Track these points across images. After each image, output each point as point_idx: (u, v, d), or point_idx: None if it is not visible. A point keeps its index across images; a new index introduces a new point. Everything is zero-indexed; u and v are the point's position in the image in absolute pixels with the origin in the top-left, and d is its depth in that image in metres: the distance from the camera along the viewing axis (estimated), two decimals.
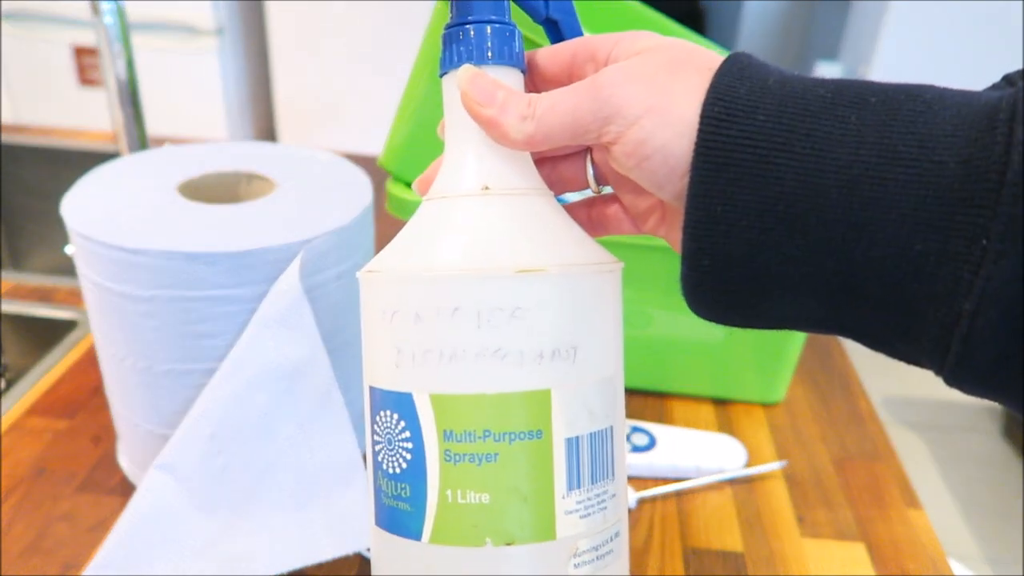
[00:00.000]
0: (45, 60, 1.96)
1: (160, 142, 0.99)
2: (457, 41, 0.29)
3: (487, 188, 0.29)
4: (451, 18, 0.30)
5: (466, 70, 0.29)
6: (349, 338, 0.52)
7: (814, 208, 0.23)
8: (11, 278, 0.79)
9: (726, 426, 0.64)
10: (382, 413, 0.29)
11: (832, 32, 2.28)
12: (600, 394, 0.29)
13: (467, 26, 0.29)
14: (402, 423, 0.28)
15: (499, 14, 0.29)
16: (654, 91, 0.25)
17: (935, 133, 0.22)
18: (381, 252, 0.31)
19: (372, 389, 0.29)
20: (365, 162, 0.76)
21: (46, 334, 0.74)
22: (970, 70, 1.84)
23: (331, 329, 0.48)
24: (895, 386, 1.97)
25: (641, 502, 0.55)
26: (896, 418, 1.88)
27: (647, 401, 0.66)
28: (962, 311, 0.21)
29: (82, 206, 0.47)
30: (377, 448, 0.29)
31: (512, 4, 0.31)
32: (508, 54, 0.29)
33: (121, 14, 0.69)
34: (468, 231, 0.28)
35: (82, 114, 1.98)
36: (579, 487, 0.28)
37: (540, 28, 0.33)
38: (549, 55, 0.30)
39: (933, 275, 0.22)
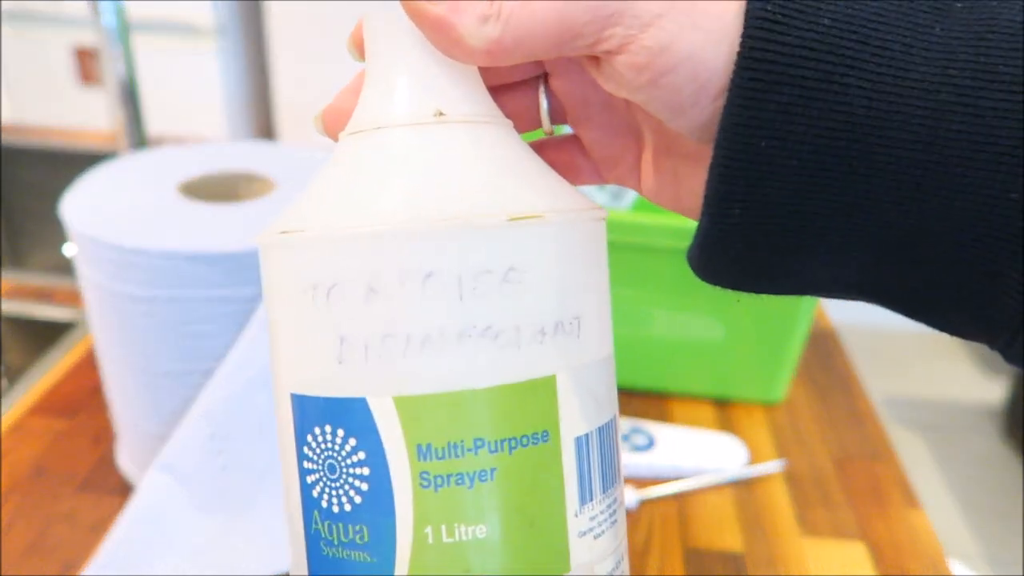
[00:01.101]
0: (45, 60, 1.96)
1: (160, 142, 0.99)
2: None
3: (442, 114, 0.22)
4: None
5: None
6: None
7: (886, 143, 0.18)
8: (11, 278, 0.79)
9: (726, 426, 0.64)
10: (318, 431, 0.21)
11: None
12: (604, 377, 0.23)
13: None
14: (352, 442, 0.21)
15: None
16: None
17: None
18: (295, 205, 0.23)
19: (298, 398, 0.22)
20: None
21: (46, 334, 0.74)
22: None
23: None
24: (895, 386, 1.97)
25: (641, 502, 0.55)
26: (896, 418, 1.88)
27: (647, 401, 0.66)
28: None
29: (82, 206, 0.47)
30: (311, 480, 0.22)
31: None
32: None
33: (121, 14, 0.69)
34: (432, 169, 0.21)
35: (82, 114, 1.98)
36: (591, 499, 0.22)
37: None
38: None
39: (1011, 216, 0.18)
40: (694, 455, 0.58)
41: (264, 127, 2.22)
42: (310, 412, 0.21)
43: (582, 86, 0.25)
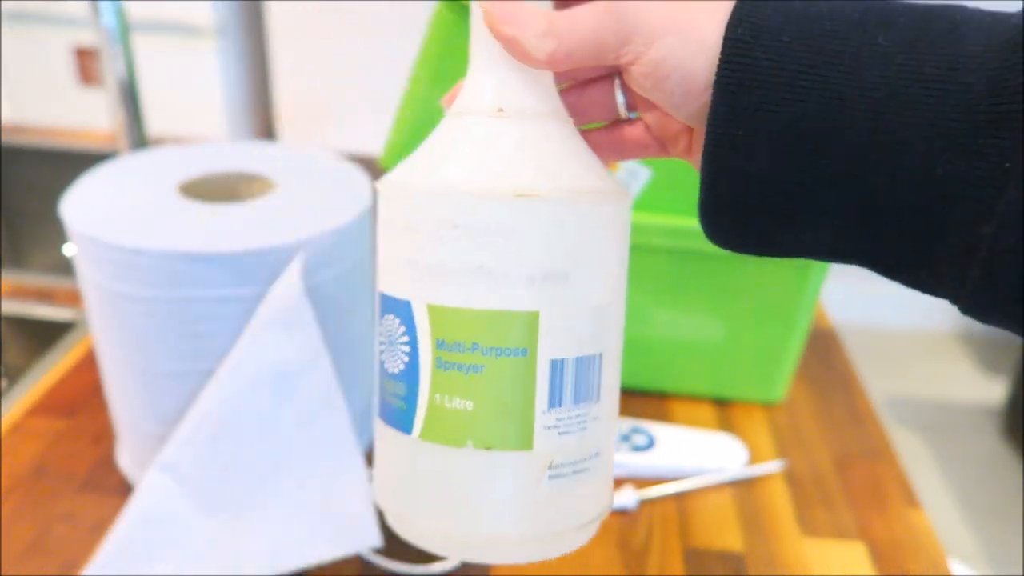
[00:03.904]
0: (45, 60, 1.96)
1: (160, 142, 0.99)
2: None
3: (501, 110, 0.29)
4: None
5: None
6: (350, 338, 0.52)
7: (837, 130, 0.23)
8: (11, 278, 0.79)
9: (726, 426, 0.64)
10: (386, 317, 0.30)
11: None
12: (591, 321, 0.29)
13: None
14: (402, 328, 0.29)
15: None
16: (675, 10, 0.25)
17: (963, 54, 0.22)
18: (401, 164, 0.31)
19: (380, 294, 0.31)
20: (365, 162, 0.76)
21: (46, 334, 0.74)
22: None
23: (332, 329, 0.48)
24: (895, 386, 1.97)
25: (641, 502, 0.55)
26: (896, 418, 1.88)
27: (647, 401, 0.66)
28: (982, 235, 0.21)
29: (82, 206, 0.47)
30: (380, 348, 0.31)
31: None
32: None
33: (121, 14, 0.69)
34: (475, 152, 0.29)
35: (82, 114, 1.98)
36: (560, 406, 0.29)
37: None
38: None
39: (955, 198, 0.22)
40: (694, 455, 0.58)
41: (264, 127, 2.22)
42: (384, 305, 0.30)
43: None
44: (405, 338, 0.29)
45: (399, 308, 0.29)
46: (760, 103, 0.23)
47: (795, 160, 0.23)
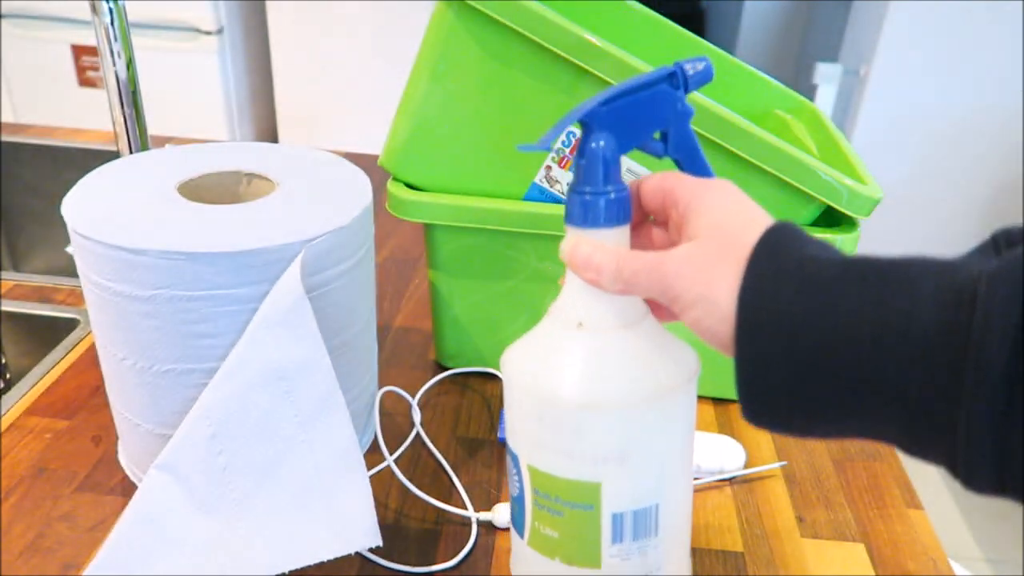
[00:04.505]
0: (45, 60, 1.96)
1: (160, 142, 0.99)
2: (573, 205, 0.37)
3: (581, 325, 0.38)
4: (573, 180, 0.38)
5: (566, 242, 0.38)
6: (349, 338, 0.52)
7: (831, 367, 0.30)
8: (11, 278, 0.79)
9: (726, 426, 0.64)
10: (508, 458, 0.42)
11: (832, 32, 2.28)
12: (646, 484, 0.39)
13: (584, 196, 0.37)
14: (515, 470, 0.41)
15: (611, 181, 0.37)
16: (702, 282, 0.34)
17: (919, 304, 0.29)
18: (520, 341, 0.41)
19: (507, 446, 0.42)
20: (365, 162, 0.76)
21: (46, 334, 0.74)
22: (970, 71, 1.84)
23: (332, 329, 0.48)
24: None
25: None
26: None
27: None
28: (957, 440, 0.28)
29: (82, 206, 0.47)
30: (509, 474, 0.43)
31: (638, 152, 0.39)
32: (611, 218, 0.37)
33: (121, 14, 0.69)
34: (555, 362, 0.39)
35: (82, 114, 1.98)
36: (621, 542, 0.39)
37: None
38: (651, 189, 0.39)
39: (931, 414, 0.29)
40: (694, 455, 0.58)
41: (265, 127, 2.22)
42: (508, 449, 0.42)
43: None
44: (517, 477, 0.41)
45: (513, 457, 0.41)
46: (769, 347, 0.31)
47: (804, 389, 0.31)
